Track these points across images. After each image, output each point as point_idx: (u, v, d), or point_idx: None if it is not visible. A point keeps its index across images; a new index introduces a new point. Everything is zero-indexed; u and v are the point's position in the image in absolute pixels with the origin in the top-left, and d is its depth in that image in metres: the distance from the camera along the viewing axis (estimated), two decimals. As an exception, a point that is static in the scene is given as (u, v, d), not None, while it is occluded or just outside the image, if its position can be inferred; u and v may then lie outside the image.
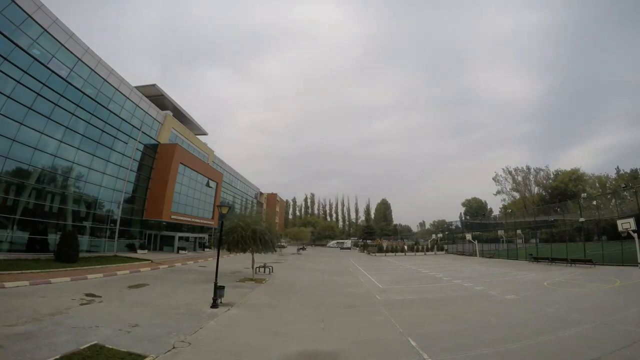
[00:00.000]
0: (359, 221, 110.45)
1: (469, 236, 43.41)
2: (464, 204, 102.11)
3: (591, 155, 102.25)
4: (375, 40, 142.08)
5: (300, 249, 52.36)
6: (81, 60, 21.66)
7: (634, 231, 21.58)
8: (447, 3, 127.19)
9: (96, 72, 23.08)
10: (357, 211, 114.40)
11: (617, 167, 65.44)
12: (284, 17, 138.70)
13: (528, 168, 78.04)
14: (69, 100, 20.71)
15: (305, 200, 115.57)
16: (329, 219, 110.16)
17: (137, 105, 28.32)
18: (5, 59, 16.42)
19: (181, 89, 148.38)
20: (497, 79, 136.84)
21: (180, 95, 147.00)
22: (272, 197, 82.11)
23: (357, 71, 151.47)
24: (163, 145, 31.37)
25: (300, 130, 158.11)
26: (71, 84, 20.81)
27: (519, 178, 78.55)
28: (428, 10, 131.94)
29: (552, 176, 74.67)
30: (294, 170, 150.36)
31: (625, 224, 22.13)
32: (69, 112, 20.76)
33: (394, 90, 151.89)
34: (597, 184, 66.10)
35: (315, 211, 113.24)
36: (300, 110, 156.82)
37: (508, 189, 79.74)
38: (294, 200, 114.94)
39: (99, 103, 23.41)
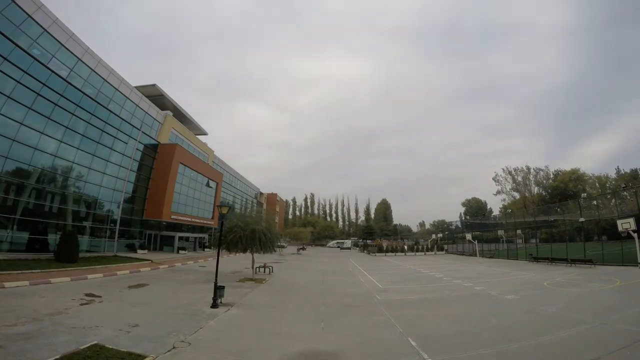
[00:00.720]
0: (359, 221, 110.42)
1: (469, 236, 43.39)
2: (464, 204, 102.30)
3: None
4: (383, 85, 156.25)
5: (300, 249, 52.36)
6: (81, 60, 21.67)
7: (634, 231, 21.58)
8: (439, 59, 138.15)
9: (96, 72, 23.08)
10: (357, 211, 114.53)
11: (617, 167, 65.62)
12: (314, 67, 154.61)
13: (528, 168, 78.19)
14: (69, 100, 20.71)
15: (305, 200, 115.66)
16: (328, 219, 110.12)
17: (137, 105, 28.32)
18: (5, 59, 16.42)
19: (219, 116, 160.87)
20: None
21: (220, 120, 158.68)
22: (272, 197, 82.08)
23: (368, 105, 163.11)
24: (163, 145, 31.37)
25: (315, 146, 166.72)
26: (71, 84, 20.81)
27: (519, 178, 78.68)
28: (427, 65, 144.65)
29: (552, 176, 74.74)
30: (304, 178, 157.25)
31: (625, 224, 22.14)
32: (69, 112, 20.76)
33: (398, 119, 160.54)
34: (597, 184, 66.14)
35: (315, 211, 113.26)
36: (316, 131, 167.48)
37: (508, 189, 79.90)
38: (294, 200, 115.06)
39: (99, 103, 23.41)
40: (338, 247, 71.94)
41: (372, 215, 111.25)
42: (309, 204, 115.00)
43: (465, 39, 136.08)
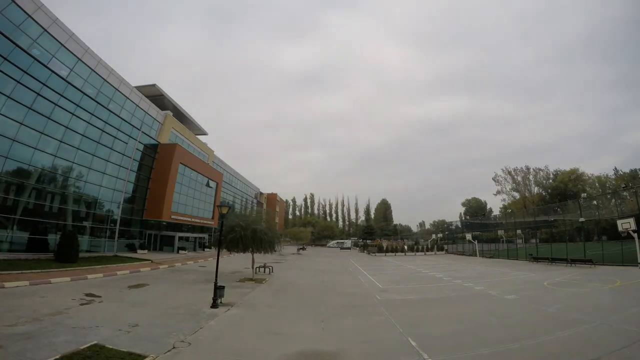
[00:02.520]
0: (359, 221, 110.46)
1: (469, 236, 43.38)
2: (463, 204, 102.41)
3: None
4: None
5: (300, 249, 52.40)
6: (81, 60, 21.65)
7: (634, 231, 21.57)
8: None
9: (96, 72, 23.07)
10: (357, 211, 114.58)
11: (615, 168, 65.66)
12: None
13: (527, 168, 78.18)
14: (69, 100, 20.70)
15: (305, 200, 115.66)
16: (329, 219, 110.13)
17: (137, 105, 28.32)
18: (5, 59, 16.41)
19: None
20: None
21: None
22: (272, 197, 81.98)
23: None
24: (163, 145, 31.36)
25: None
26: (71, 84, 20.80)
27: (519, 178, 78.69)
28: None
29: (551, 176, 74.73)
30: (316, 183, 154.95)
31: (625, 224, 22.13)
32: (69, 112, 20.75)
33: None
34: (596, 184, 66.13)
35: (315, 211, 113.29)
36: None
37: (508, 189, 79.95)
38: (294, 200, 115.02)
39: (99, 103, 23.40)
40: (338, 247, 71.94)
41: (372, 215, 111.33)
42: (308, 204, 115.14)
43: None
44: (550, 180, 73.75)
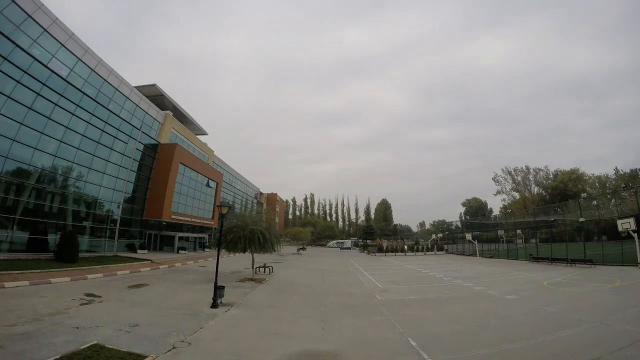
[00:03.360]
0: (359, 221, 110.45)
1: (469, 236, 43.39)
2: (463, 204, 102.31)
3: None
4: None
5: (300, 249, 52.38)
6: (81, 60, 21.65)
7: (634, 231, 21.58)
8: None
9: (96, 72, 23.07)
10: (357, 211, 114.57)
11: (616, 168, 65.64)
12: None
13: (527, 168, 78.14)
14: (69, 100, 20.70)
15: (305, 200, 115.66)
16: (329, 219, 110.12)
17: (137, 105, 28.32)
18: (5, 59, 16.42)
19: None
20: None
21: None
22: (272, 197, 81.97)
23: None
24: (163, 145, 31.37)
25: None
26: (71, 84, 20.80)
27: (519, 178, 78.65)
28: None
29: (551, 176, 74.71)
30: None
31: (625, 224, 22.13)
32: (69, 112, 20.75)
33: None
34: (597, 184, 66.13)
35: (315, 211, 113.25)
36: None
37: (508, 189, 79.87)
38: (294, 200, 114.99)
39: (99, 103, 23.40)
40: (338, 247, 71.96)
41: (372, 215, 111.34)
42: (309, 204, 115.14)
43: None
44: (550, 180, 73.73)
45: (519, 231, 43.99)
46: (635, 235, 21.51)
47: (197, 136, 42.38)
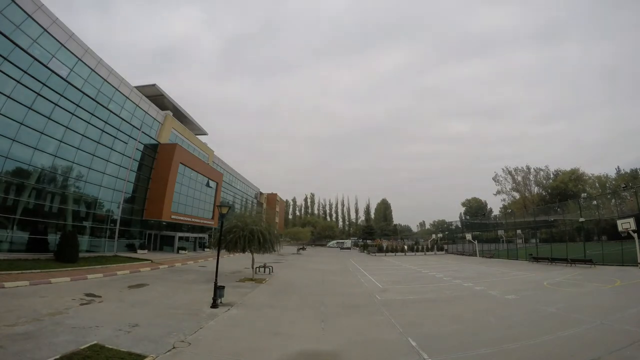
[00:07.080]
0: (359, 221, 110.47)
1: (469, 236, 43.38)
2: (464, 204, 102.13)
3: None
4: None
5: (300, 249, 52.39)
6: (81, 60, 21.67)
7: (634, 231, 21.57)
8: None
9: (96, 72, 23.08)
10: (357, 211, 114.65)
11: (617, 167, 65.63)
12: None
13: (528, 168, 78.16)
14: (69, 100, 20.70)
15: (305, 200, 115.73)
16: (329, 219, 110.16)
17: (137, 105, 28.32)
18: (5, 59, 16.41)
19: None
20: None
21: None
22: (272, 197, 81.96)
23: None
24: (163, 145, 31.36)
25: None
26: (71, 84, 20.80)
27: (519, 178, 78.66)
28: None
29: (552, 176, 74.71)
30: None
31: (625, 224, 22.12)
32: (69, 112, 20.75)
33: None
34: (597, 184, 66.13)
35: (315, 211, 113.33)
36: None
37: (508, 189, 79.87)
38: (294, 200, 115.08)
39: (99, 103, 23.40)
40: (338, 247, 71.95)
41: (372, 215, 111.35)
42: (309, 204, 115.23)
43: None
44: (551, 180, 73.73)
45: (519, 231, 43.99)
46: (635, 235, 21.50)
47: (197, 136, 42.39)
